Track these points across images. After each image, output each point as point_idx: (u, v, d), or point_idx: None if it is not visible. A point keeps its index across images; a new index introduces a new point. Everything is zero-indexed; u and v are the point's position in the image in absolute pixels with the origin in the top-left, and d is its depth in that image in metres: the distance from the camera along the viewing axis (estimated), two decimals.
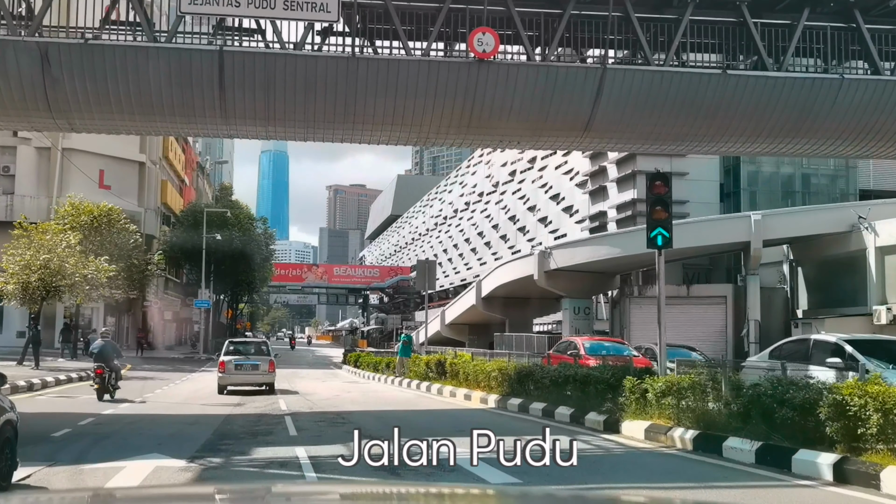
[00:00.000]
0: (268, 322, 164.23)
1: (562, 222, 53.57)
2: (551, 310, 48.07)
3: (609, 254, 36.21)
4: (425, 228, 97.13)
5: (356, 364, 31.50)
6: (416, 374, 21.88)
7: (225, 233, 45.86)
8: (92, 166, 47.81)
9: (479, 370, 16.99)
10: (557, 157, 54.94)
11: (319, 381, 26.31)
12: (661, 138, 17.10)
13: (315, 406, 16.44)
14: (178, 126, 16.09)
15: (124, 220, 34.58)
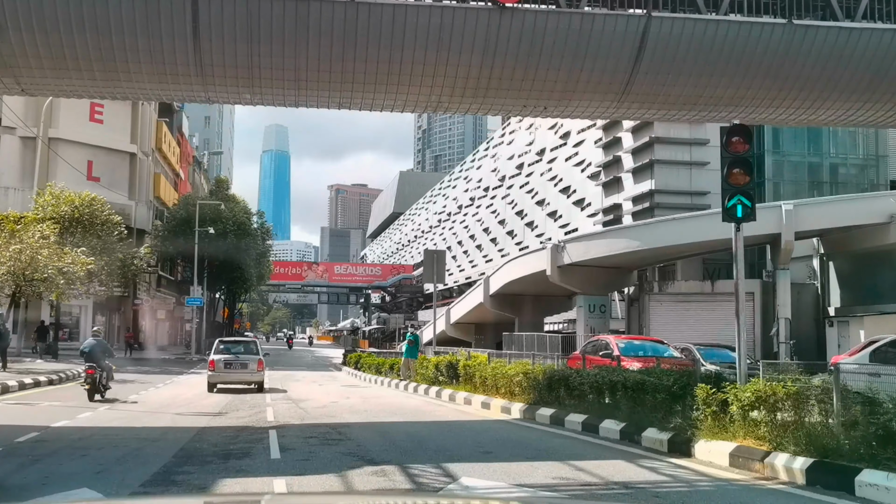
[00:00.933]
0: (268, 322, 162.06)
1: (573, 216, 51.14)
2: (563, 308, 45.62)
3: (627, 247, 33.77)
4: (428, 225, 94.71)
5: (357, 366, 29.08)
6: (424, 378, 19.46)
7: (219, 226, 43.47)
8: (80, 157, 45.46)
9: (500, 374, 14.55)
10: (568, 149, 52.53)
11: (316, 385, 23.89)
12: (711, 102, 14.64)
13: (308, 416, 14.02)
14: (145, 86, 13.68)
15: (109, 211, 32.14)
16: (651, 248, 33.37)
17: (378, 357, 28.15)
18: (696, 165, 41.25)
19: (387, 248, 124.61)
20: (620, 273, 38.07)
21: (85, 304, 46.92)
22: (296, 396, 19.00)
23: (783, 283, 32.87)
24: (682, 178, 41.30)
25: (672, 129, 41.40)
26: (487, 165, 72.40)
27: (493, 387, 14.94)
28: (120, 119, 48.40)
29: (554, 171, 54.95)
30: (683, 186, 41.09)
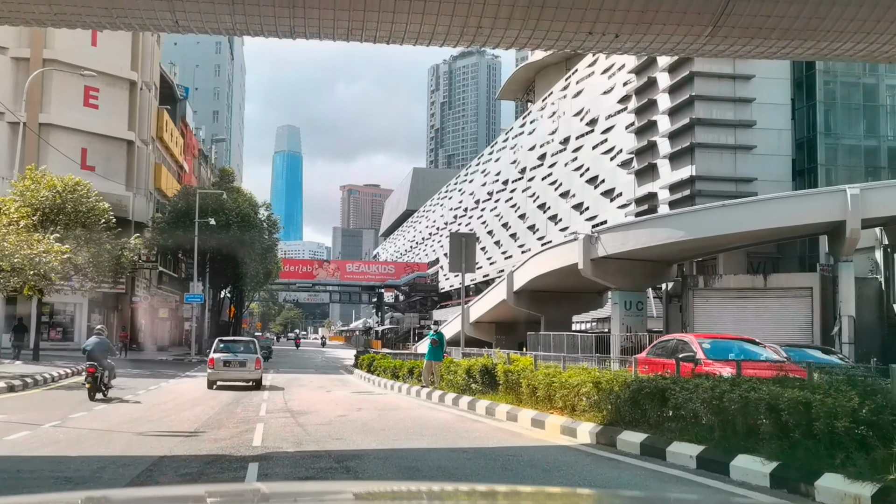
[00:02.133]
0: (280, 322, 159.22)
1: (601, 208, 47.65)
2: (592, 306, 42.16)
3: (669, 237, 30.30)
4: (444, 222, 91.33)
5: (370, 369, 25.72)
6: (453, 385, 16.06)
7: (221, 218, 40.26)
8: (73, 144, 42.42)
9: (556, 383, 11.13)
10: (596, 136, 49.04)
11: (322, 392, 20.56)
12: (836, 30, 11.14)
13: (306, 438, 10.66)
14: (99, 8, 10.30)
15: (95, 198, 28.98)
16: (696, 237, 29.92)
17: (394, 359, 24.76)
18: (741, 150, 37.71)
19: (400, 247, 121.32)
20: (659, 267, 34.65)
21: (80, 301, 43.89)
22: (297, 406, 15.69)
23: (846, 277, 29.35)
24: (726, 164, 37.76)
25: (714, 110, 37.88)
26: (506, 157, 68.97)
27: (547, 399, 11.55)
28: (117, 104, 45.33)
29: (580, 160, 51.47)
30: (727, 172, 37.55)
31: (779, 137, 38.03)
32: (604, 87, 48.22)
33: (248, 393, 19.52)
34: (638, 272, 33.91)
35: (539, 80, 69.56)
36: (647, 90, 41.91)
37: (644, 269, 34.03)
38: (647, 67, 42.04)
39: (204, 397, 18.05)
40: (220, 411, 14.59)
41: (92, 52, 43.32)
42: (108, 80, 44.62)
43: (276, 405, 16.02)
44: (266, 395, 18.63)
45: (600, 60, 49.22)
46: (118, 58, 45.06)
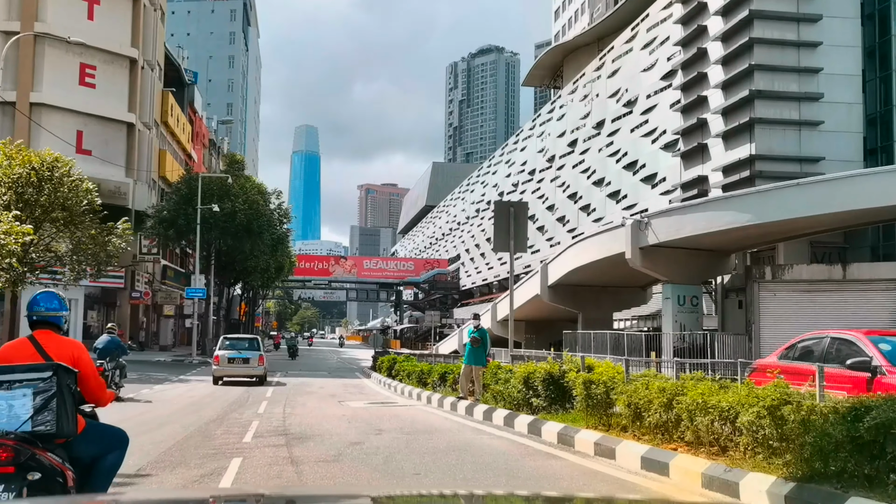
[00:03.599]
0: (296, 322, 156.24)
1: (640, 195, 43.55)
2: (634, 301, 38.11)
3: (733, 222, 26.25)
4: (465, 216, 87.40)
5: (391, 372, 21.85)
6: (503, 399, 12.08)
7: (226, 205, 36.62)
8: (67, 126, 39.00)
9: (692, 405, 7.13)
10: (635, 117, 44.96)
11: (333, 403, 16.75)
12: None
13: (300, 490, 6.80)
14: None
15: (77, 176, 25.39)
16: (764, 222, 25.84)
17: (420, 362, 20.87)
18: (806, 126, 33.51)
19: (419, 243, 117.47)
20: (715, 257, 30.64)
21: (75, 296, 40.41)
22: (297, 426, 11.90)
23: None
24: (790, 142, 33.58)
25: (776, 81, 33.72)
26: (533, 146, 64.90)
27: (663, 428, 7.65)
28: (115, 83, 41.88)
29: (616, 144, 47.37)
30: (791, 151, 33.37)
31: (849, 112, 33.79)
32: (644, 64, 44.12)
33: (243, 404, 15.82)
34: (693, 263, 29.92)
35: (568, 64, 65.42)
36: (696, 63, 37.79)
37: (699, 259, 30.03)
38: (696, 38, 37.94)
39: (182, 411, 14.33)
40: (192, 434, 10.84)
41: (88, 26, 39.86)
42: (105, 56, 41.20)
43: (270, 423, 12.24)
44: (262, 408, 14.88)
45: (640, 35, 45.14)
46: (117, 33, 41.60)
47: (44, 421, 4.14)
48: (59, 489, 4.15)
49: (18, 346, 4.51)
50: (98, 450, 4.60)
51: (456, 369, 15.79)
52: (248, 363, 21.96)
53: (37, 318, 4.57)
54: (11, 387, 4.16)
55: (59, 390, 4.21)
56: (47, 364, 4.29)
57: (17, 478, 4.03)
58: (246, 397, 17.65)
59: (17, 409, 4.14)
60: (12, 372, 4.22)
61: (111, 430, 4.83)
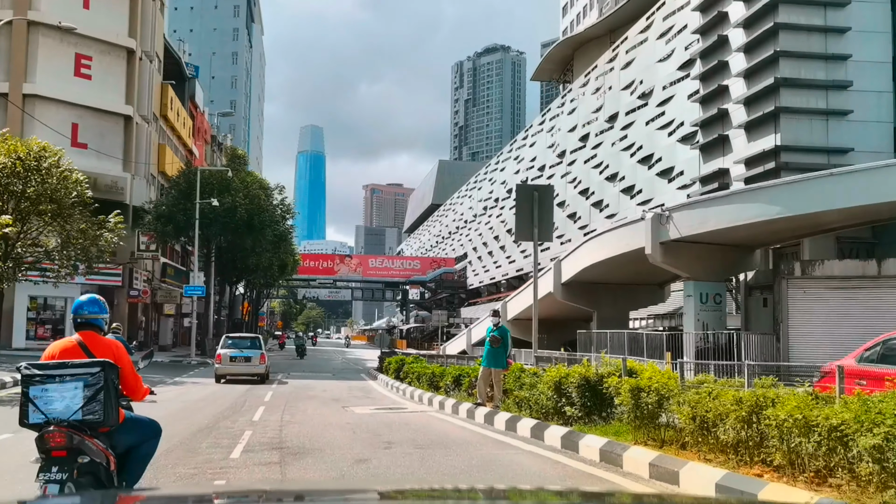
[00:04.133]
0: (301, 321, 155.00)
1: (656, 190, 41.99)
2: (650, 300, 36.58)
3: (761, 215, 24.70)
4: (472, 214, 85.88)
5: (399, 375, 20.35)
6: (528, 406, 10.52)
7: (226, 200, 35.20)
8: (62, 118, 37.60)
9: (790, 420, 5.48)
10: (650, 109, 43.40)
11: (337, 408, 15.28)
12: None
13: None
14: None
15: (66, 167, 23.98)
16: (795, 215, 24.29)
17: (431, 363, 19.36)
18: (834, 116, 31.93)
19: (425, 242, 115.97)
20: (740, 253, 29.10)
21: (71, 294, 39.09)
22: (294, 437, 10.44)
23: None
24: (817, 132, 32.01)
25: (803, 69, 32.15)
26: (543, 142, 63.35)
27: (740, 448, 6.15)
28: (112, 75, 40.47)
29: (630, 138, 45.82)
30: (818, 142, 31.80)
31: (878, 101, 32.19)
32: (660, 54, 42.57)
33: (238, 410, 14.38)
34: (716, 259, 28.40)
35: (578, 58, 63.85)
36: (717, 51, 36.23)
37: (723, 254, 28.51)
38: (716, 25, 36.36)
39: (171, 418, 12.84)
40: (175, 447, 9.37)
41: (84, 15, 38.44)
42: (102, 47, 39.81)
43: (265, 434, 10.76)
44: (258, 415, 13.41)
45: (655, 24, 43.59)
46: (114, 22, 40.20)
47: (92, 411, 4.58)
48: (102, 472, 4.65)
49: (66, 345, 4.97)
50: (135, 439, 5.04)
51: (472, 372, 14.28)
52: (249, 362, 22.53)
53: (81, 321, 5.04)
54: (64, 380, 4.61)
55: (105, 384, 4.64)
56: (96, 360, 4.72)
57: (69, 461, 4.50)
58: (242, 402, 16.21)
59: (69, 400, 4.59)
60: (65, 367, 4.65)
61: (147, 421, 5.23)
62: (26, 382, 4.65)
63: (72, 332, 14.26)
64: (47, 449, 4.53)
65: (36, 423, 4.58)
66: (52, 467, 4.48)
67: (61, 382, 4.61)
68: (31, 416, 4.59)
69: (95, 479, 4.64)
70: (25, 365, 4.78)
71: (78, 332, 5.09)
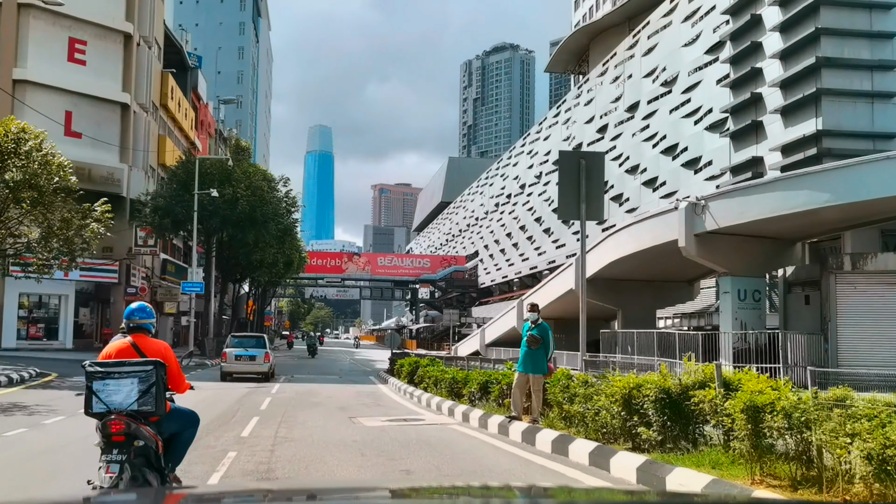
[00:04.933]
0: (310, 322, 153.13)
1: (681, 182, 39.67)
2: (679, 298, 34.32)
3: (809, 203, 22.45)
4: (483, 211, 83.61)
5: (412, 379, 18.16)
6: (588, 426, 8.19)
7: (227, 191, 33.12)
8: (54, 106, 35.51)
9: None
10: (674, 97, 41.07)
11: (343, 419, 13.12)
12: None
13: None
14: None
15: (49, 149, 21.90)
16: (848, 202, 22.03)
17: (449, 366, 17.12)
18: (879, 98, 29.60)
19: (434, 241, 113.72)
20: (780, 246, 26.85)
21: (65, 292, 37.10)
22: (287, 463, 8.30)
23: None
24: (861, 116, 29.67)
25: (845, 48, 29.81)
26: (558, 135, 61.03)
27: None
28: (108, 61, 38.46)
29: (652, 127, 43.51)
30: (863, 126, 29.46)
31: None
32: (685, 38, 40.24)
33: (227, 422, 12.25)
34: (755, 252, 26.16)
35: (594, 47, 61.56)
36: (749, 32, 33.90)
37: (762, 248, 26.27)
38: (748, 4, 34.05)
39: None
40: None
41: None
42: (97, 31, 37.79)
43: (251, 457, 8.60)
44: (249, 429, 11.26)
45: (681, 6, 41.25)
46: (110, 5, 38.16)
47: (146, 402, 5.36)
48: (152, 455, 5.45)
49: (121, 345, 5.70)
50: (178, 427, 5.88)
51: (502, 378, 12.05)
52: (254, 360, 23.19)
53: (132, 325, 5.78)
54: (122, 376, 5.39)
55: (156, 380, 5.41)
56: (149, 360, 5.45)
57: (126, 444, 5.29)
58: (235, 410, 14.09)
59: (126, 393, 5.36)
60: (123, 365, 5.42)
61: (188, 412, 6.11)
62: (90, 377, 5.34)
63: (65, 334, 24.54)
64: (108, 434, 5.20)
65: (98, 412, 5.27)
66: (113, 450, 5.20)
67: (119, 378, 5.30)
68: (94, 406, 5.29)
69: (147, 461, 5.35)
70: (89, 363, 5.48)
71: (130, 335, 5.73)
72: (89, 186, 36.98)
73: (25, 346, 35.12)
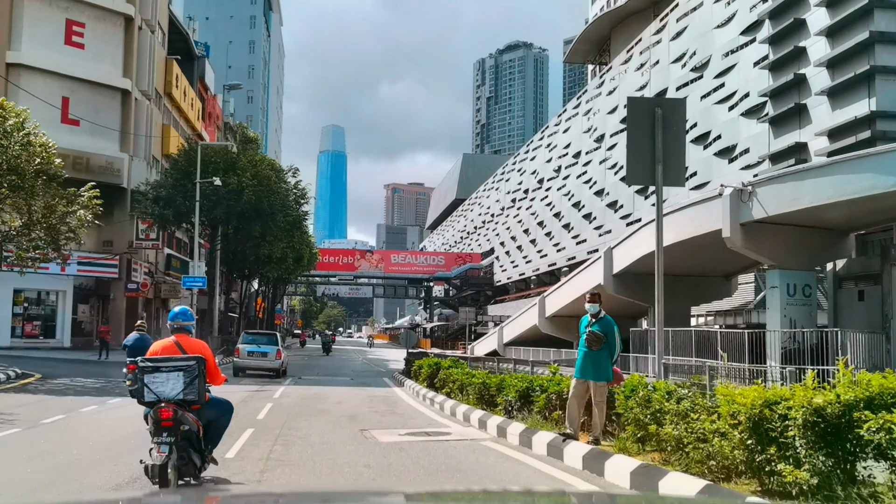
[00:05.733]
0: (322, 320, 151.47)
1: (713, 172, 37.30)
2: (715, 294, 31.92)
3: (873, 188, 20.13)
4: (500, 207, 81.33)
5: (433, 382, 15.99)
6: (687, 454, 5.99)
7: (231, 180, 31.06)
8: (51, 91, 33.51)
9: None
10: (706, 82, 38.69)
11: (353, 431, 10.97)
12: None
13: None
14: None
15: (33, 128, 19.87)
16: None
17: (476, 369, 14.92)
18: None
19: (448, 238, 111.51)
20: (832, 237, 24.50)
21: (63, 288, 35.17)
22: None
23: None
24: None
25: None
26: (578, 126, 58.66)
27: None
28: (108, 44, 36.50)
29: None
30: None
31: None
32: (718, 19, 37.83)
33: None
34: (806, 243, 23.85)
35: (617, 35, 59.19)
36: (791, 8, 31.51)
37: (813, 239, 23.95)
38: None
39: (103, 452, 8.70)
40: None
41: None
42: (96, 12, 35.81)
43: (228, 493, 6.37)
44: (236, 449, 9.10)
45: None
46: None
47: (190, 392, 6.15)
48: (194, 438, 6.23)
49: (166, 344, 6.55)
50: (215, 415, 6.63)
51: (549, 385, 9.84)
52: (266, 357, 23.71)
53: (176, 327, 6.67)
54: (169, 370, 6.16)
55: (199, 373, 6.20)
56: (193, 356, 6.23)
57: (174, 429, 5.99)
58: None
59: (173, 385, 6.16)
60: (171, 361, 6.24)
61: (223, 401, 6.84)
62: (142, 371, 6.18)
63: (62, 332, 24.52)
64: (159, 420, 6.00)
65: (150, 401, 6.12)
66: (163, 433, 5.97)
67: (168, 372, 6.15)
68: (145, 396, 6.13)
69: (190, 443, 6.18)
70: (141, 359, 6.33)
71: (174, 335, 6.60)
72: (87, 176, 35.05)
73: (20, 345, 33.23)
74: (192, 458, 6.12)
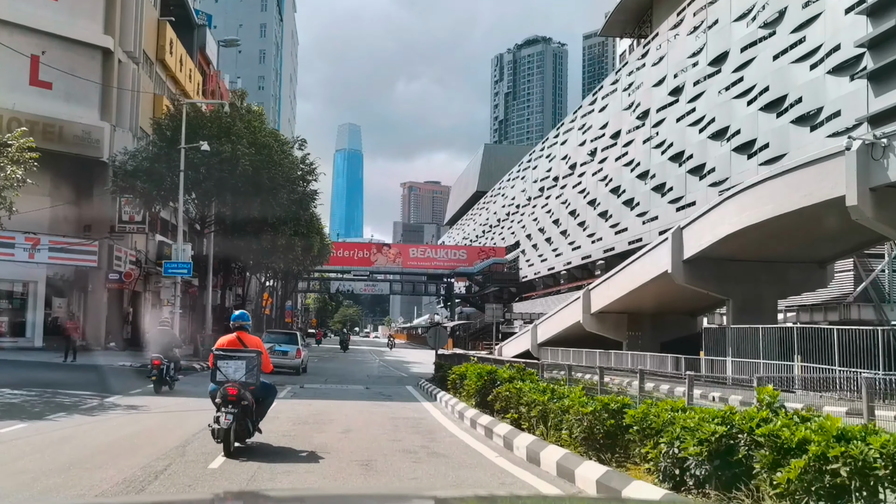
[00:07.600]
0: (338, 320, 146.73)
1: (791, 142, 31.82)
2: (805, 284, 26.35)
3: None
4: (526, 198, 75.94)
5: (485, 400, 10.76)
6: None
7: (225, 147, 25.98)
8: (17, 48, 28.72)
9: None
10: (779, 39, 33.17)
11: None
12: None
13: None
14: None
15: None
16: None
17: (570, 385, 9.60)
18: None
19: (469, 233, 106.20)
20: None
21: (35, 279, 30.28)
22: None
23: None
24: None
25: None
26: (616, 104, 53.16)
27: None
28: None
29: (747, 80, 35.66)
30: None
31: None
32: None
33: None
34: None
35: (659, 6, 53.75)
36: None
37: None
38: None
39: None
40: None
41: None
42: None
43: None
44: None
45: None
46: None
47: (250, 376, 8.46)
48: (250, 411, 8.44)
49: (231, 339, 8.89)
50: (263, 395, 8.90)
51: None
52: (286, 355, 23.91)
53: (237, 325, 9.04)
54: (236, 360, 8.53)
55: (257, 362, 8.57)
56: (253, 350, 8.66)
57: (237, 403, 8.20)
58: (163, 467, 6.82)
59: (237, 370, 8.47)
60: (238, 352, 8.63)
61: (270, 385, 9.24)
62: (217, 358, 8.55)
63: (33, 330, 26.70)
64: (226, 395, 8.16)
65: (220, 381, 8.36)
66: (229, 405, 8.13)
67: (235, 360, 8.49)
68: (217, 377, 8.43)
69: (246, 414, 8.32)
70: (214, 349, 8.82)
71: (236, 332, 8.96)
72: (60, 147, 30.14)
73: None
74: (248, 426, 8.45)
